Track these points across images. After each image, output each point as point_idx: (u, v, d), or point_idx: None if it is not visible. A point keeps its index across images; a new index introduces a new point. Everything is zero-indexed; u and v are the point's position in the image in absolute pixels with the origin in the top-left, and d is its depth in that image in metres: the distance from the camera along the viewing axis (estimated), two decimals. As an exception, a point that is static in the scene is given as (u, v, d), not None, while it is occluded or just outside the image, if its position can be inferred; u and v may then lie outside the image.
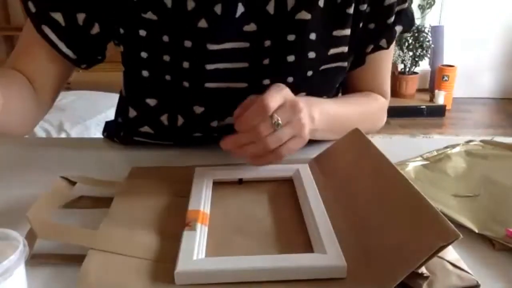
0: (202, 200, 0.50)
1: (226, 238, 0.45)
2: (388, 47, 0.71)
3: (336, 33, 0.66)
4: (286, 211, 0.51)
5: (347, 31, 0.67)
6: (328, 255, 0.40)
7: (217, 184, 0.55)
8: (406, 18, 0.70)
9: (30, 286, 0.39)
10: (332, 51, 0.67)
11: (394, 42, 0.72)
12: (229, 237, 0.46)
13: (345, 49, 0.68)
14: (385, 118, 0.81)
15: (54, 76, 0.68)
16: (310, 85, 0.68)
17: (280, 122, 0.52)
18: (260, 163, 0.55)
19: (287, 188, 0.55)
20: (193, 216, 0.47)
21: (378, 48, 0.71)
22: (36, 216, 0.45)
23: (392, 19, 0.69)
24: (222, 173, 0.57)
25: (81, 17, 0.62)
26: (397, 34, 0.70)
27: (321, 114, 0.60)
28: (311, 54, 0.66)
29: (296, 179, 0.55)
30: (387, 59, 0.76)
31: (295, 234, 0.46)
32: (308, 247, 0.43)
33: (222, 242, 0.45)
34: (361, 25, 0.68)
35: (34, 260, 0.42)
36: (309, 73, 0.67)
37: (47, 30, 0.63)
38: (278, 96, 0.53)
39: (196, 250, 0.41)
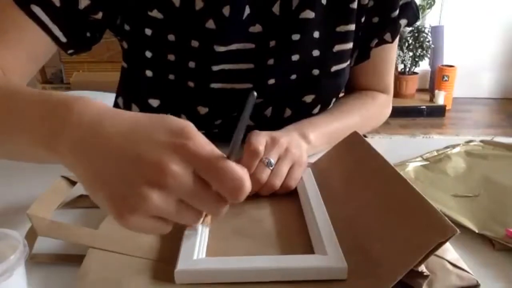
0: None
1: (227, 239, 0.45)
2: (392, 41, 0.71)
3: (340, 29, 0.66)
4: (287, 212, 0.51)
5: (352, 27, 0.66)
6: (329, 256, 0.40)
7: None
8: (411, 11, 0.70)
9: (30, 286, 0.39)
10: (337, 47, 0.67)
11: (398, 36, 0.72)
12: (230, 238, 0.46)
13: (350, 45, 0.68)
14: (388, 112, 0.81)
15: (31, 60, 0.61)
16: (318, 86, 0.68)
17: (271, 160, 0.52)
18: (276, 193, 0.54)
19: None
20: None
21: (383, 42, 0.71)
22: (36, 214, 0.45)
23: (396, 12, 0.69)
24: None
25: (84, 2, 0.58)
26: (402, 27, 0.70)
27: (316, 132, 0.62)
28: (315, 52, 0.66)
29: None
30: (391, 54, 0.76)
31: (296, 234, 0.46)
32: (308, 248, 0.43)
33: (223, 242, 0.45)
34: (363, 19, 0.68)
35: (34, 260, 0.42)
36: (315, 72, 0.67)
37: (37, 10, 0.56)
38: (260, 137, 0.53)
39: (196, 250, 0.41)
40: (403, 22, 0.70)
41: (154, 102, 0.67)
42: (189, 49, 0.62)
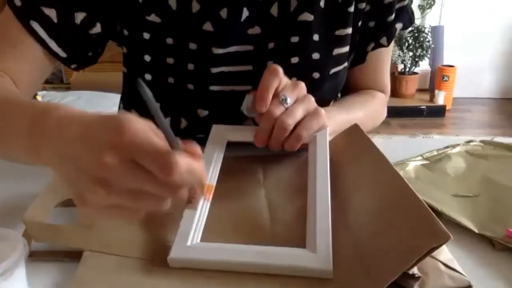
0: (210, 172, 0.50)
1: (225, 223, 0.46)
2: (388, 45, 0.71)
3: (339, 32, 0.66)
4: (292, 198, 0.51)
5: (349, 30, 0.67)
6: (317, 255, 0.40)
7: (232, 147, 0.55)
8: (406, 15, 0.71)
9: (30, 285, 0.39)
10: (336, 51, 0.67)
11: (393, 39, 0.73)
12: (228, 222, 0.46)
13: (347, 48, 0.68)
14: (385, 112, 0.82)
15: (36, 73, 0.63)
16: (318, 89, 0.68)
17: (287, 97, 0.51)
18: (289, 147, 0.54)
19: (301, 165, 0.54)
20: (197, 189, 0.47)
21: (379, 45, 0.71)
22: (32, 219, 0.45)
23: (392, 16, 0.69)
24: (239, 135, 0.57)
25: (80, 16, 0.59)
26: (397, 31, 0.71)
27: (330, 121, 0.60)
28: (315, 55, 0.66)
29: (311, 150, 0.54)
30: (387, 55, 0.76)
31: (294, 225, 0.46)
32: (302, 241, 0.43)
33: (220, 227, 0.45)
34: (360, 23, 0.68)
35: (33, 257, 0.42)
36: (316, 75, 0.67)
37: (36, 26, 0.58)
38: (276, 74, 0.53)
39: (192, 234, 0.42)
40: (398, 26, 0.70)
41: None
42: (188, 51, 0.62)
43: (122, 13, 0.62)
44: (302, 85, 0.55)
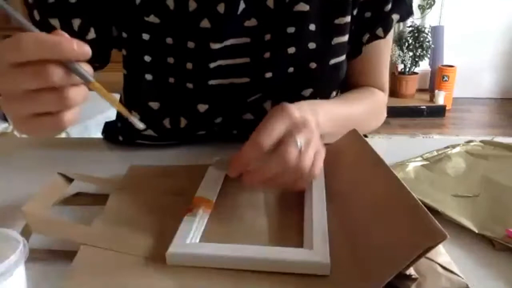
0: (211, 190, 0.51)
1: (224, 227, 0.46)
2: (384, 36, 0.70)
3: (338, 21, 0.66)
4: (290, 204, 0.51)
5: (348, 18, 0.66)
6: (314, 251, 0.40)
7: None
8: (404, 6, 0.70)
9: (30, 285, 0.39)
10: (335, 40, 0.67)
11: (391, 32, 0.71)
12: (227, 227, 0.46)
13: (347, 37, 0.68)
14: (385, 113, 0.81)
15: None
16: (316, 80, 0.68)
17: (301, 143, 0.47)
18: (296, 189, 0.51)
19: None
20: (197, 203, 0.48)
21: (375, 37, 0.70)
22: (31, 211, 0.45)
23: (389, 7, 0.68)
24: None
25: (76, 22, 0.61)
26: (394, 22, 0.70)
27: (325, 117, 0.60)
28: (312, 45, 0.65)
29: None
30: (385, 50, 0.75)
31: (292, 228, 0.46)
32: (299, 243, 0.43)
33: (218, 230, 0.46)
34: (355, 12, 0.67)
35: (30, 255, 0.42)
36: (313, 65, 0.66)
37: None
38: (282, 119, 0.48)
39: (191, 235, 0.43)
40: (395, 17, 0.69)
41: (154, 105, 0.67)
42: (186, 50, 0.62)
43: (119, 15, 0.62)
44: (311, 124, 0.50)
